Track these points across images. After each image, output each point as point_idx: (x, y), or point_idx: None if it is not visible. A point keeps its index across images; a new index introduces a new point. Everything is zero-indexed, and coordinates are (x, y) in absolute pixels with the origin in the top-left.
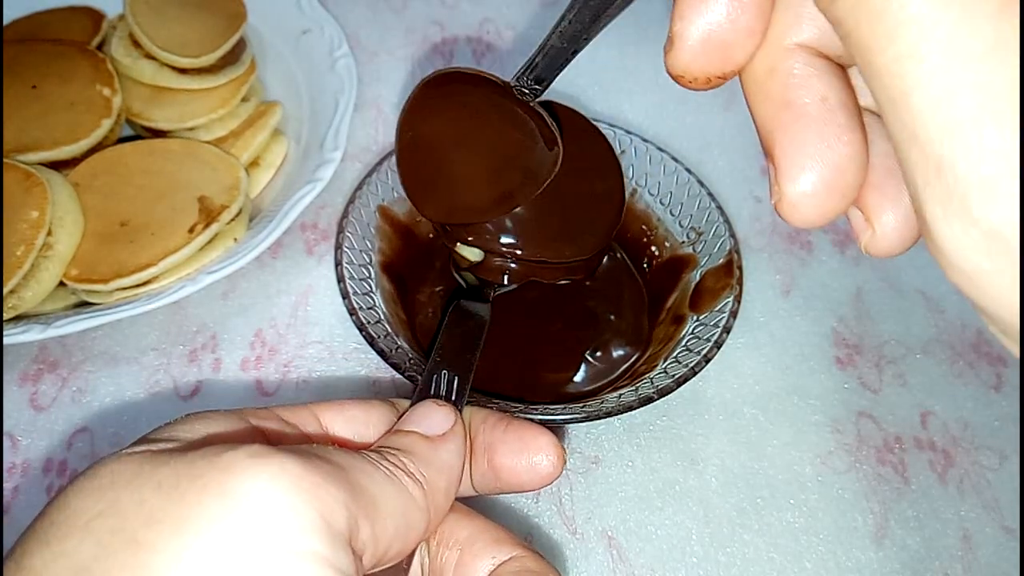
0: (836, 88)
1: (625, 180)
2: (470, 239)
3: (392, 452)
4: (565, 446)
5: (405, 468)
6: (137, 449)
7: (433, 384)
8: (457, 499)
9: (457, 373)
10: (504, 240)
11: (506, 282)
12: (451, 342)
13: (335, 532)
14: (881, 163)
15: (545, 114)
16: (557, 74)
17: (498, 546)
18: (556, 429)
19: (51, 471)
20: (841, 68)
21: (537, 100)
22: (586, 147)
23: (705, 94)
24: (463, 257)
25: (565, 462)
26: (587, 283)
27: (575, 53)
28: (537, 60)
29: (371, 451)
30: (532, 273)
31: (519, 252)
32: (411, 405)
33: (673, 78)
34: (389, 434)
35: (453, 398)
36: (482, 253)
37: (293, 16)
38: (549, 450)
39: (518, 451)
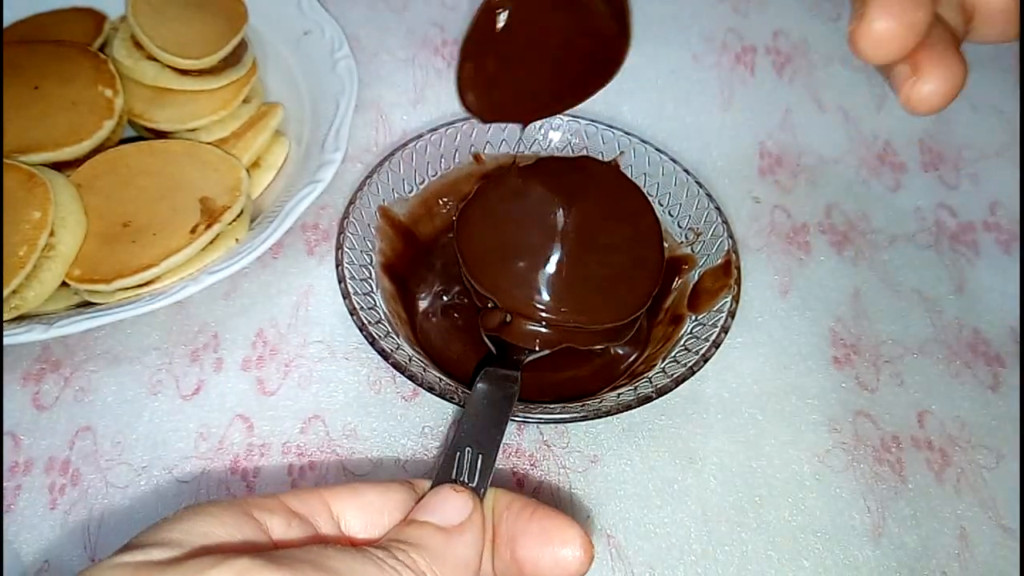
0: None
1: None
2: (499, 304)
3: (402, 548)
4: (565, 446)
5: (415, 567)
6: (129, 559)
7: (456, 462)
8: None
9: (481, 452)
10: (536, 302)
11: (537, 348)
12: (477, 416)
13: None
14: (936, 34)
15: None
16: None
17: None
18: (556, 428)
19: (53, 470)
20: None
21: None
22: (625, 206)
23: (703, 95)
24: (491, 315)
25: (593, 557)
26: None
27: None
28: None
29: (378, 547)
30: (565, 339)
31: (550, 316)
32: (432, 484)
33: None
34: (402, 525)
35: (476, 479)
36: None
37: (294, 17)
38: (576, 543)
39: (543, 543)
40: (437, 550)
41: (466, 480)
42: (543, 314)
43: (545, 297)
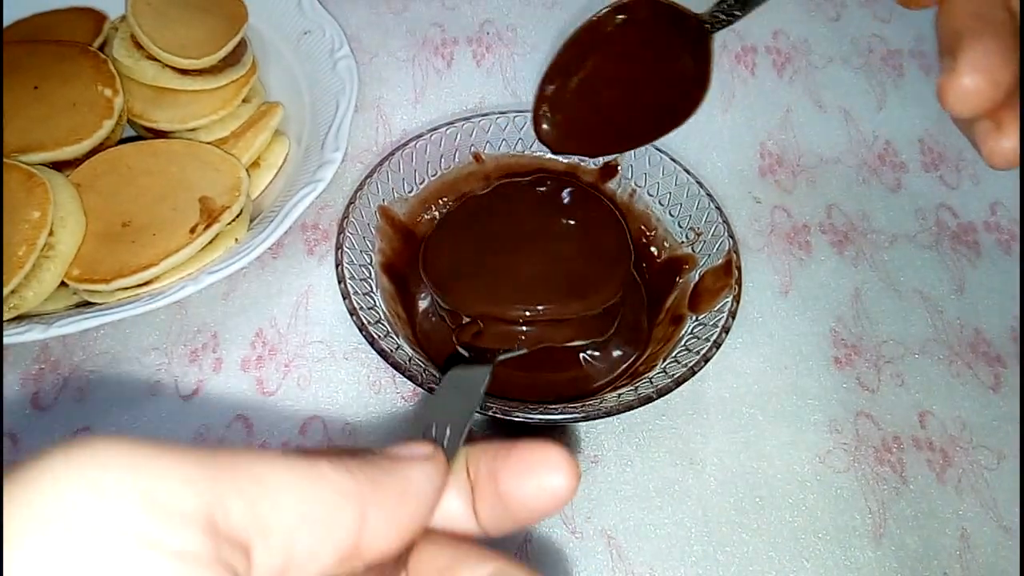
0: (1012, 23)
1: (629, 236)
2: (469, 314)
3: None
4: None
5: (328, 460)
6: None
7: (424, 432)
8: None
9: (450, 422)
10: (503, 301)
11: (516, 347)
12: (446, 397)
13: (169, 510)
14: (1017, 89)
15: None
16: (759, 5)
17: (481, 561)
18: (556, 429)
19: None
20: (1015, 16)
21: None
22: (583, 206)
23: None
24: (465, 329)
25: (579, 479)
26: None
27: None
28: None
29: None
30: (541, 336)
31: (519, 312)
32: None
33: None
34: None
35: (445, 448)
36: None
37: (294, 17)
38: (558, 466)
39: (524, 473)
40: (374, 461)
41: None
42: (512, 312)
43: (511, 295)
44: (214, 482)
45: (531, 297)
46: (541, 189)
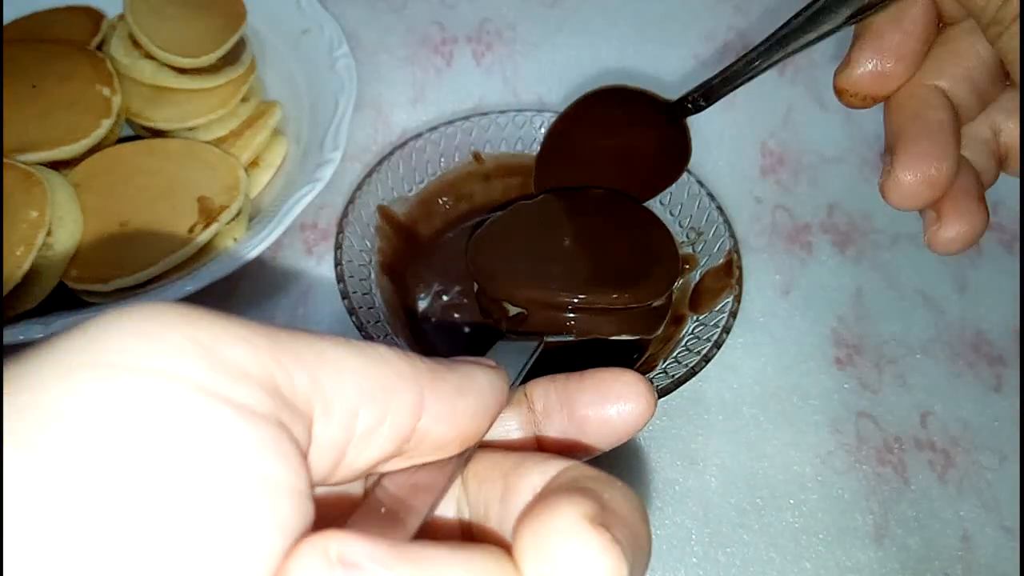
0: (951, 121)
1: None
2: (519, 303)
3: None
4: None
5: (389, 346)
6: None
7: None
8: None
9: (508, 364)
10: (556, 287)
11: (564, 333)
12: (501, 351)
13: (230, 365)
14: (959, 186)
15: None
16: (727, 94)
17: (548, 462)
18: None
19: None
20: (957, 114)
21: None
22: (632, 216)
23: None
24: (504, 309)
25: (656, 402)
26: None
27: (749, 79)
28: (715, 81)
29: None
30: (589, 326)
31: (572, 297)
32: None
33: (837, 91)
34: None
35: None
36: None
37: (293, 16)
38: (638, 391)
39: (604, 398)
40: (435, 361)
41: None
42: (561, 298)
43: (561, 282)
44: (278, 351)
45: (581, 285)
46: (589, 196)
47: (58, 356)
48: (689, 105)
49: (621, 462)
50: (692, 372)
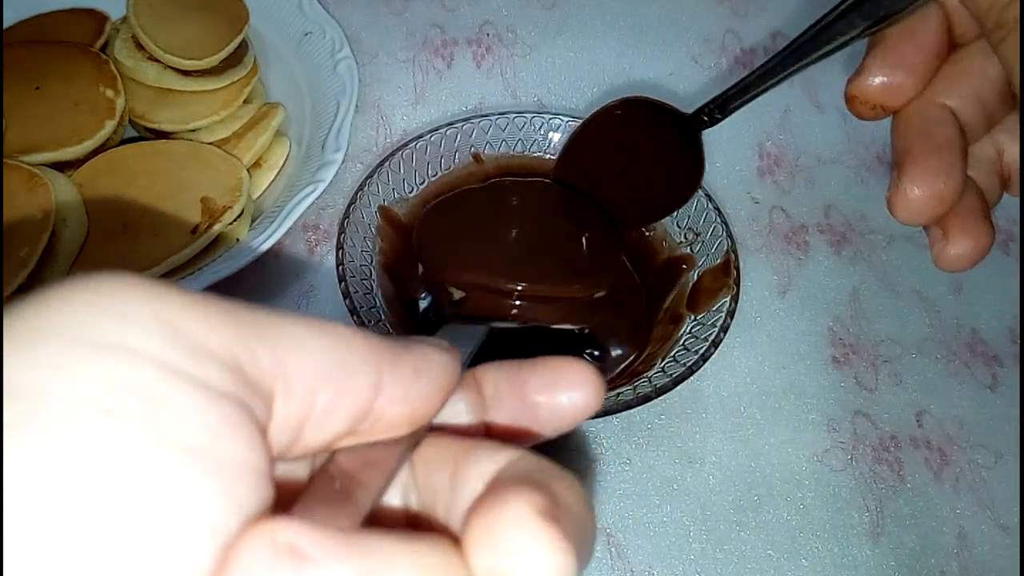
0: (958, 139)
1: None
2: (460, 287)
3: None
4: (564, 446)
5: (349, 326)
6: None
7: None
8: None
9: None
10: (495, 275)
11: (500, 320)
12: (453, 327)
13: (193, 342)
14: (965, 203)
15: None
16: (742, 106)
17: (498, 451)
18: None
19: None
20: (964, 133)
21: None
22: (580, 209)
23: (704, 96)
24: (449, 293)
25: (604, 394)
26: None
27: (764, 91)
28: (730, 92)
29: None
30: (530, 313)
31: (513, 284)
32: None
33: (847, 98)
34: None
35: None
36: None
37: (295, 18)
38: (590, 380)
39: (556, 385)
40: (389, 340)
41: None
42: (504, 284)
43: (504, 268)
44: (242, 328)
45: (524, 272)
46: (537, 186)
47: (19, 324)
48: (705, 118)
49: (620, 460)
50: (690, 371)
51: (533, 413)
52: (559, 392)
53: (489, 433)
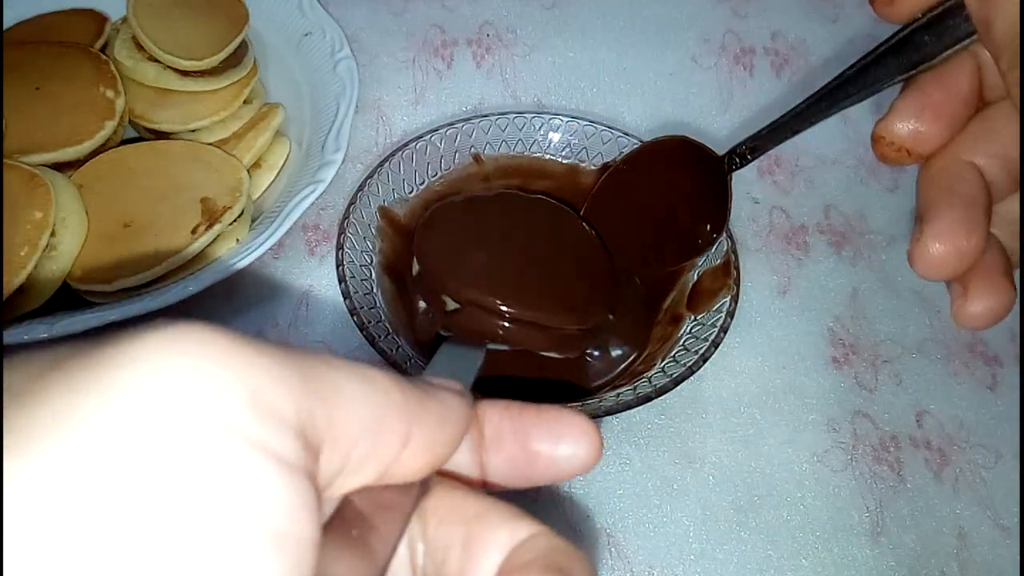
0: (983, 196)
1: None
2: (457, 299)
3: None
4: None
5: (386, 374)
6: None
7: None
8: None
9: (462, 374)
10: (494, 293)
11: (492, 341)
12: (441, 366)
13: (274, 413)
14: (987, 261)
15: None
16: (772, 147)
17: (515, 521)
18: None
19: None
20: (990, 191)
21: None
22: (580, 237)
23: (703, 96)
24: (443, 302)
25: (601, 452)
26: None
27: (796, 133)
28: (763, 133)
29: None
30: (521, 338)
31: (507, 307)
32: None
33: (874, 138)
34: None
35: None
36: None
37: (295, 19)
38: (592, 438)
39: (559, 436)
40: (412, 383)
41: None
42: (503, 306)
43: (504, 290)
44: (308, 390)
45: (519, 298)
46: (543, 204)
47: (75, 395)
48: (737, 159)
49: (620, 461)
50: (690, 371)
51: (531, 461)
52: (560, 445)
53: (485, 481)
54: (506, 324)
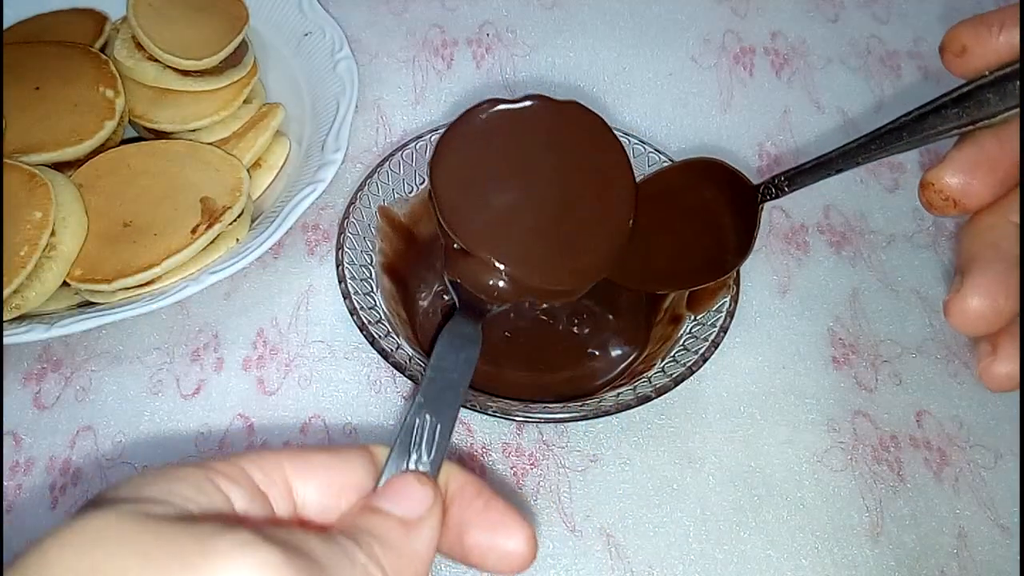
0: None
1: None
2: (466, 247)
3: (366, 540)
4: (564, 445)
5: (377, 562)
6: (125, 508)
7: (415, 429)
8: None
9: (439, 420)
10: (500, 254)
11: (496, 298)
12: (438, 379)
13: None
14: (1017, 326)
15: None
16: (812, 183)
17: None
18: (556, 427)
19: (54, 470)
20: None
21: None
22: (604, 161)
23: (702, 96)
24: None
25: (536, 554)
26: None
27: (839, 172)
28: (805, 167)
29: (347, 536)
30: (524, 292)
31: (511, 270)
32: (389, 454)
33: (922, 184)
34: (365, 511)
35: (433, 452)
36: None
37: (294, 18)
38: (524, 540)
39: (493, 534)
40: (397, 545)
41: (423, 452)
42: (504, 266)
43: (509, 251)
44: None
45: (527, 262)
46: (570, 116)
47: None
48: (772, 189)
49: (620, 460)
50: (690, 371)
51: (467, 552)
52: (496, 546)
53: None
54: (501, 281)
